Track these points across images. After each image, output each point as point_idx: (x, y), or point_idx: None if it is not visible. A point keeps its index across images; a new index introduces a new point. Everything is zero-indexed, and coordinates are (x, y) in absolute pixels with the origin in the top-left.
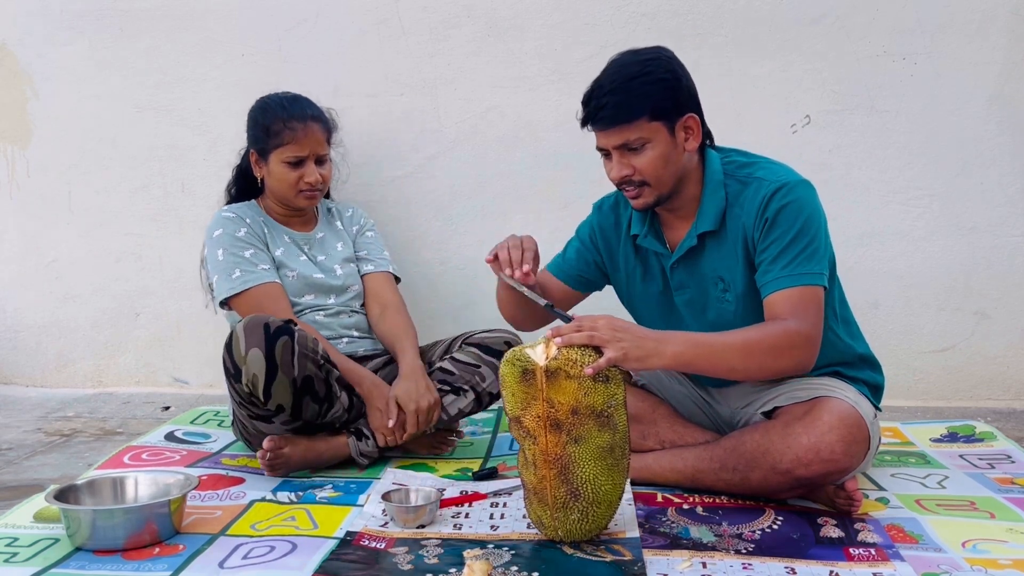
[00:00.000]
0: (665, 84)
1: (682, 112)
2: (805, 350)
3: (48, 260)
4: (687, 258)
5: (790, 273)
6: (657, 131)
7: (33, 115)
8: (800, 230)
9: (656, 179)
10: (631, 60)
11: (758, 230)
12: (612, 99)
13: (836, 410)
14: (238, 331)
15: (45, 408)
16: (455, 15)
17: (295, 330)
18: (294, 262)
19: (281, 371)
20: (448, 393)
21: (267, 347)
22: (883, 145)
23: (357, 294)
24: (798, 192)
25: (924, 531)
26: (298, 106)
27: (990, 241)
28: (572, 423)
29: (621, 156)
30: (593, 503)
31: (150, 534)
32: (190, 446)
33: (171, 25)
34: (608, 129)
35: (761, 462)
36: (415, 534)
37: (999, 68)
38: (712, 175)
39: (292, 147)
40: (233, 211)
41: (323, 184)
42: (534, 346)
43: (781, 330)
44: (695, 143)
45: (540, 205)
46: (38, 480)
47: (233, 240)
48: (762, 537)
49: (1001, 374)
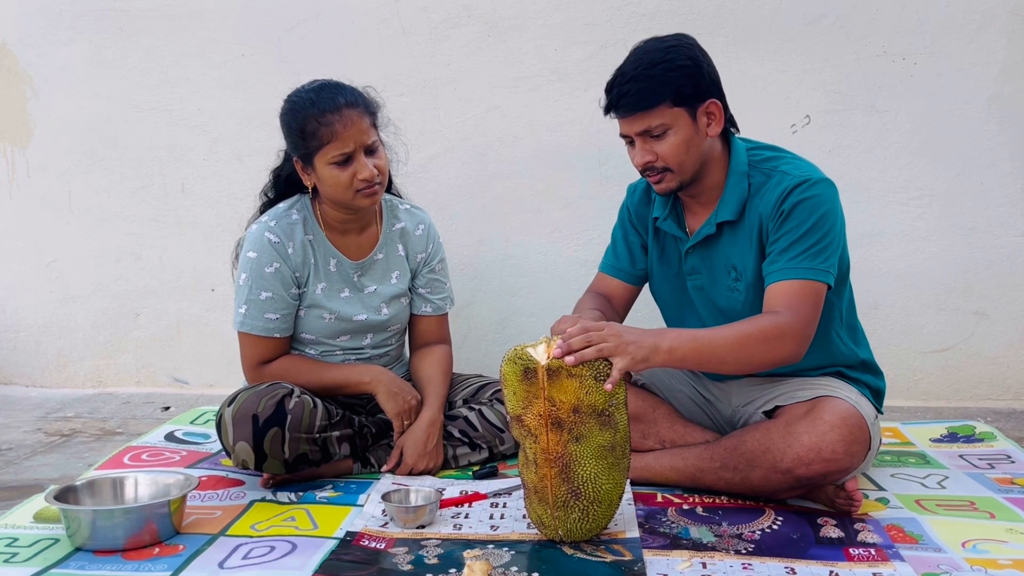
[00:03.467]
0: (686, 70)
1: (704, 98)
2: (793, 342)
3: (48, 260)
4: (703, 245)
5: (795, 266)
6: (679, 117)
7: (33, 115)
8: (813, 226)
9: (678, 164)
10: (653, 47)
11: (773, 221)
12: (634, 86)
13: (837, 410)
14: (227, 419)
15: (45, 408)
16: (455, 15)
17: (288, 416)
18: (334, 301)
19: (271, 456)
20: (463, 445)
21: (255, 440)
22: (883, 145)
23: (398, 331)
24: (818, 189)
25: (924, 531)
26: (327, 95)
27: (990, 241)
28: (573, 422)
29: (643, 142)
30: (594, 502)
31: (150, 534)
32: (190, 446)
33: (171, 25)
34: (630, 116)
35: (762, 461)
36: (415, 534)
37: (999, 68)
38: (737, 164)
39: (335, 145)
40: (278, 234)
41: (381, 176)
42: (536, 345)
43: (770, 323)
44: (717, 128)
45: (540, 205)
46: (38, 480)
47: (260, 273)
48: (762, 537)
49: (1001, 374)
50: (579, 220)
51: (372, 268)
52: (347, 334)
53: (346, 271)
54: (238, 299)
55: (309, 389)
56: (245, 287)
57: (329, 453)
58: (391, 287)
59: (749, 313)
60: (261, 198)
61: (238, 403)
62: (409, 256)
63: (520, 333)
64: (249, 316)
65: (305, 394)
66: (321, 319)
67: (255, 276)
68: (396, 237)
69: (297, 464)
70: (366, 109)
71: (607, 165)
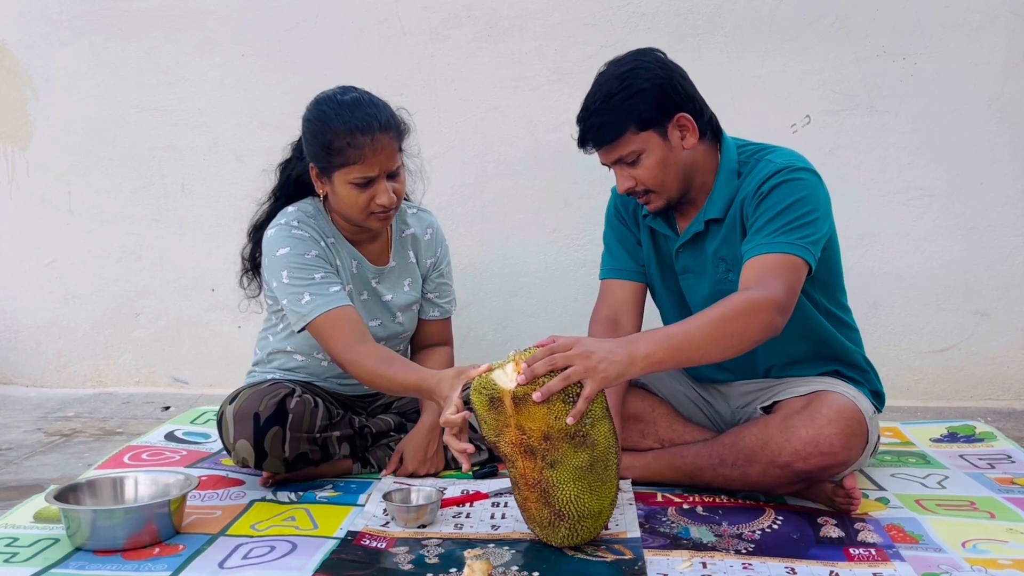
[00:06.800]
0: (645, 94)
1: (670, 115)
2: (767, 313)
3: (48, 260)
4: (693, 242)
5: (768, 241)
6: (648, 140)
7: (33, 115)
8: (791, 205)
9: (659, 185)
10: (611, 75)
11: (752, 205)
12: (596, 120)
13: (835, 404)
14: (228, 417)
15: (45, 408)
16: (455, 15)
17: (289, 415)
18: (354, 302)
19: (271, 455)
20: None
21: (255, 438)
22: (883, 145)
23: (407, 337)
24: (800, 175)
25: (924, 531)
26: (362, 116)
27: (990, 241)
28: (546, 449)
29: (621, 170)
30: (579, 519)
31: (150, 534)
32: (190, 446)
33: (171, 25)
34: (599, 149)
35: (760, 456)
36: (416, 534)
37: (999, 68)
38: (727, 163)
39: (360, 167)
40: (304, 227)
41: (397, 201)
42: (504, 365)
43: (741, 300)
44: (692, 139)
45: (540, 205)
46: (38, 480)
47: (302, 262)
48: (762, 537)
49: (1001, 374)
50: (579, 220)
51: (388, 276)
52: None
53: (366, 275)
54: (293, 296)
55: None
56: (294, 280)
57: (329, 453)
58: (404, 295)
59: None
60: (270, 197)
61: (239, 401)
62: (420, 262)
63: (520, 333)
64: (315, 297)
65: (306, 393)
66: None
67: (298, 266)
68: (407, 244)
69: (297, 463)
70: (396, 134)
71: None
